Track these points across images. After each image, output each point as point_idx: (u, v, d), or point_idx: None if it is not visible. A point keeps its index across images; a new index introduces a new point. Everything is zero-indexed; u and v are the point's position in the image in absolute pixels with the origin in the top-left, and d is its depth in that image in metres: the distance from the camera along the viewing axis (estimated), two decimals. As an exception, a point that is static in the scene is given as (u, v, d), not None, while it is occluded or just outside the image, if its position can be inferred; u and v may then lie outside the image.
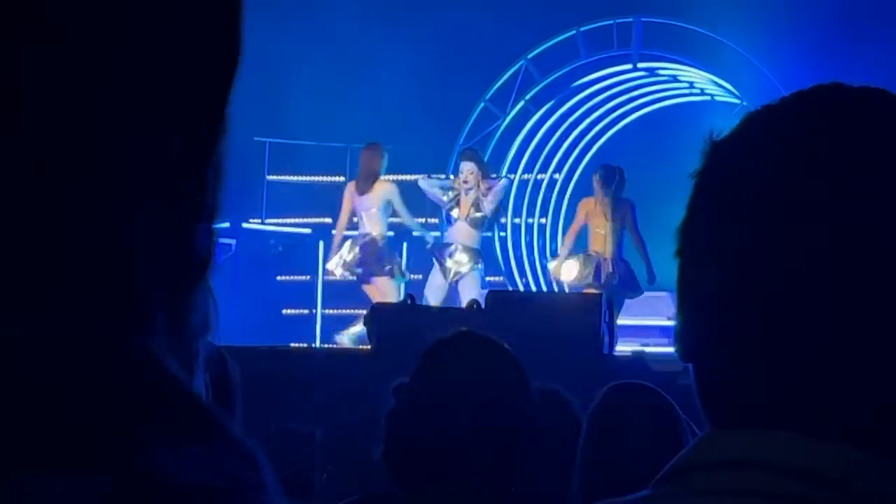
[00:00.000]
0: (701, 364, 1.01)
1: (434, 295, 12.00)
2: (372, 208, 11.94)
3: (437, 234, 13.10)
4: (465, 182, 12.06)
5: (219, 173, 0.62)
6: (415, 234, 12.96)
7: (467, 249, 12.12)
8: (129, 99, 0.57)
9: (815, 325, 0.94)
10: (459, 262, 12.09)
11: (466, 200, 12.10)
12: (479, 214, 12.12)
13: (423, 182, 12.54)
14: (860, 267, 0.94)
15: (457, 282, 12.05)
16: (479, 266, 12.29)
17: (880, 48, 12.91)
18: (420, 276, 12.91)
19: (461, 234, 12.19)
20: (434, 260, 12.44)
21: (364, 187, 11.96)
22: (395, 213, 12.35)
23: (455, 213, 12.24)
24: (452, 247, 12.16)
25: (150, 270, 0.57)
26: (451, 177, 13.22)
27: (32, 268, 0.54)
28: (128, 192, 0.57)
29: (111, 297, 0.56)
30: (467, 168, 12.13)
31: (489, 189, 12.18)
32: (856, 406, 0.94)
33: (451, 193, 12.30)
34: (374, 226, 11.96)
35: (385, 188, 12.01)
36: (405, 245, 13.93)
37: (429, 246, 12.60)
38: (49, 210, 0.55)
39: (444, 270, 12.13)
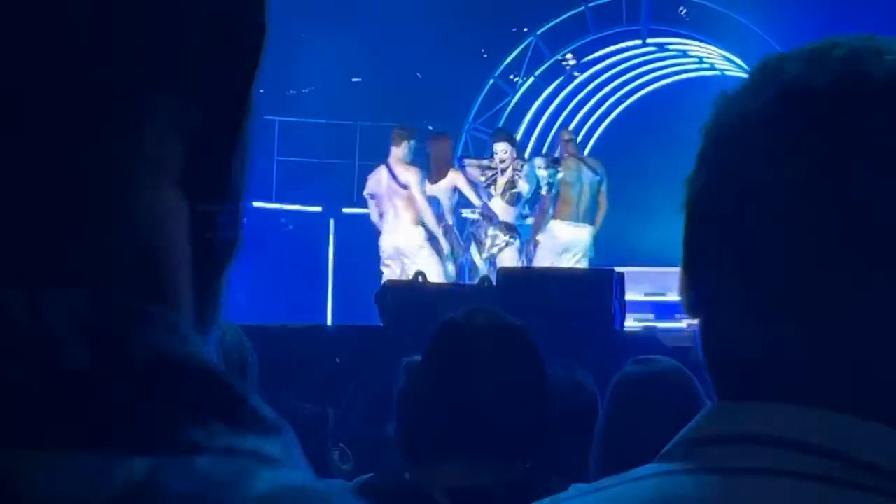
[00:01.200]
0: (708, 330, 0.99)
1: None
2: (442, 197, 11.95)
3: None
4: (502, 162, 12.13)
5: (245, 153, 0.62)
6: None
7: (504, 225, 12.23)
8: (157, 73, 0.57)
9: (825, 291, 0.92)
10: (495, 237, 12.18)
11: (502, 179, 12.19)
12: (514, 191, 12.21)
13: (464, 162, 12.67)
14: (871, 226, 0.91)
15: (494, 258, 12.09)
16: (516, 242, 12.39)
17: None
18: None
19: (497, 211, 12.27)
20: (472, 239, 12.54)
21: (436, 177, 11.94)
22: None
23: (491, 190, 12.32)
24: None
25: (176, 249, 0.58)
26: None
27: (61, 243, 0.54)
28: (155, 169, 0.57)
29: (139, 274, 0.56)
30: (501, 147, 12.21)
31: (524, 167, 12.29)
32: (868, 379, 0.92)
33: (488, 173, 12.39)
34: (446, 213, 12.01)
35: (454, 176, 12.03)
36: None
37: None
38: (77, 186, 0.55)
39: (480, 247, 12.23)
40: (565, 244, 11.93)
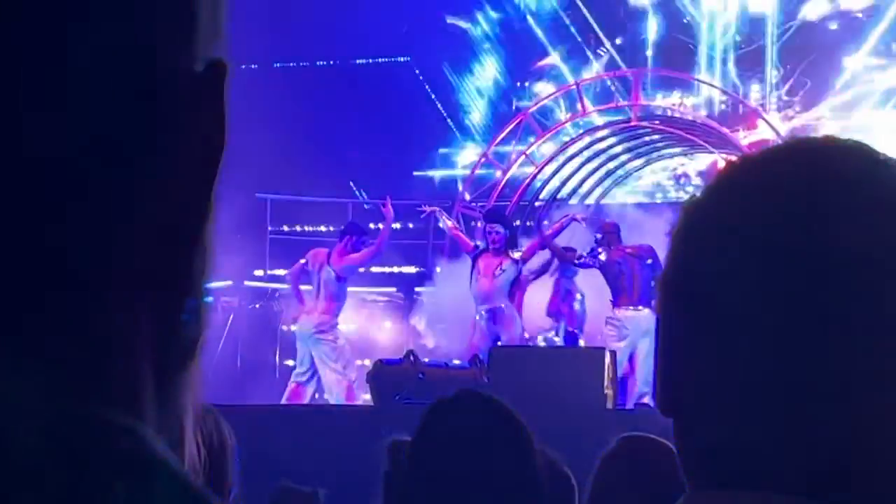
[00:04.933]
0: (680, 421, 0.99)
1: None
2: None
3: None
4: (494, 243, 11.98)
5: (206, 252, 0.61)
6: None
7: None
8: (121, 180, 0.57)
9: (796, 383, 0.92)
10: None
11: (494, 260, 12.06)
12: (504, 275, 12.11)
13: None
14: (840, 323, 0.92)
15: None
16: None
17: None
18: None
19: (483, 290, 12.22)
20: None
21: None
22: None
23: (478, 268, 12.26)
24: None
25: (136, 350, 0.57)
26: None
27: (16, 349, 0.54)
28: (112, 271, 0.57)
29: (96, 379, 0.55)
30: (495, 228, 12.13)
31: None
32: (837, 467, 0.92)
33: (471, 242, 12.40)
34: None
35: None
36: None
37: None
38: (32, 290, 0.55)
39: None
40: (632, 327, 11.66)
